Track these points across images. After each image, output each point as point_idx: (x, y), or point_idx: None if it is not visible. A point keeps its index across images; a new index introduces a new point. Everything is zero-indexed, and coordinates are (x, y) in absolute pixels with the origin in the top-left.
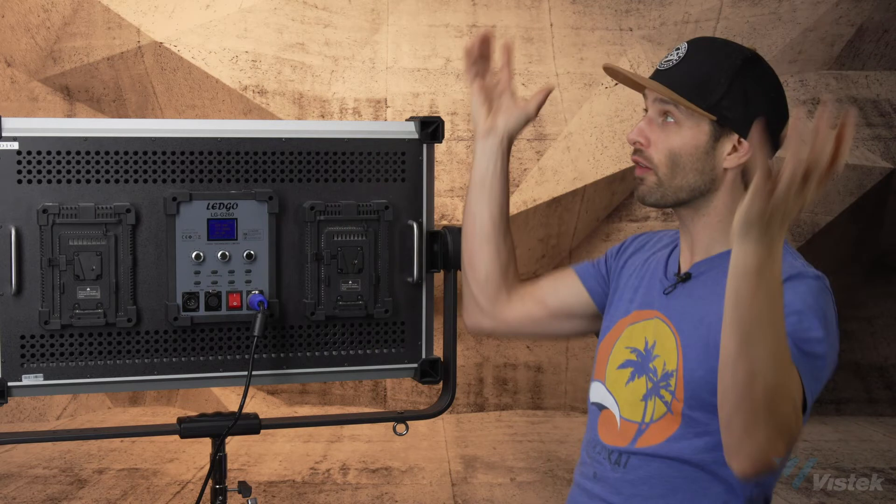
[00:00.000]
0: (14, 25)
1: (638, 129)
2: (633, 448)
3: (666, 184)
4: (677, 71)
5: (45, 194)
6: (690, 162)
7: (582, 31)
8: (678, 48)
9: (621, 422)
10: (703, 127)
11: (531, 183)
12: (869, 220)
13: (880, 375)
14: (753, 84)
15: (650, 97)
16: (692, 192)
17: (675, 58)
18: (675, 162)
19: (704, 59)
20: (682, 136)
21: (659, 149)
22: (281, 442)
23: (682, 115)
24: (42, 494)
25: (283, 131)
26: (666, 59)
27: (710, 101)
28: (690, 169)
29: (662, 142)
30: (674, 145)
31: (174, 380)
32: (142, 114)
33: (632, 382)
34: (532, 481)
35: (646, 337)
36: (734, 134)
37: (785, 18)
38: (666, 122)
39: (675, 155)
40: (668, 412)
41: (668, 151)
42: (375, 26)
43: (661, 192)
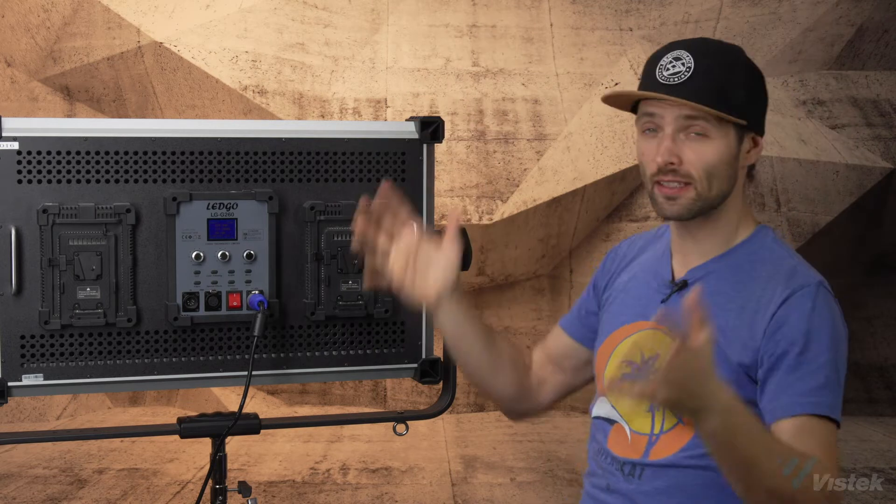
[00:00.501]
0: (14, 25)
1: (666, 149)
2: (646, 460)
3: (704, 196)
4: (695, 83)
5: (45, 194)
6: (724, 169)
7: (582, 31)
8: (679, 59)
9: (632, 435)
10: (731, 133)
11: (531, 183)
12: (869, 220)
13: (880, 375)
14: (757, 79)
15: (671, 115)
16: (721, 199)
17: (683, 69)
18: (712, 174)
19: (716, 65)
20: (716, 148)
21: (695, 165)
22: (281, 442)
23: (710, 127)
24: (42, 494)
25: (283, 131)
26: (671, 71)
27: (736, 105)
28: (724, 177)
29: (697, 157)
30: (709, 159)
31: (174, 380)
32: (142, 114)
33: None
34: (532, 481)
35: (641, 350)
36: (752, 132)
37: (785, 18)
38: (694, 137)
39: (712, 168)
40: (680, 422)
41: (704, 165)
42: (375, 26)
43: (699, 206)
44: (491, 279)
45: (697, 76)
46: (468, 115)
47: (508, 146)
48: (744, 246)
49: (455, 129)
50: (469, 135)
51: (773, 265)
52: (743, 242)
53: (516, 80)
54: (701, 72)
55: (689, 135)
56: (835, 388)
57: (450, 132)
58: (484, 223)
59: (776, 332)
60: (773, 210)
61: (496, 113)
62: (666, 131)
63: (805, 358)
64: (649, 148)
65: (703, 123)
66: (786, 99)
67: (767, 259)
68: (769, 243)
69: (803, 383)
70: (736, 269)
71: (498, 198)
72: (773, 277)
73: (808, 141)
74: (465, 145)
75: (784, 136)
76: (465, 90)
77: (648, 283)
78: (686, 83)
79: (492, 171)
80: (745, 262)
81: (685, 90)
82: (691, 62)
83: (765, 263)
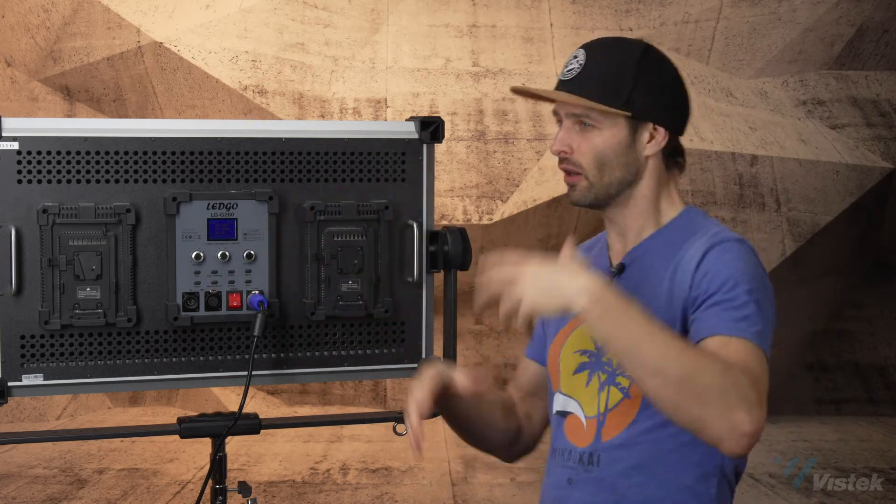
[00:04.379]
0: (14, 25)
1: (559, 139)
2: (599, 444)
3: (596, 184)
4: (582, 78)
5: (45, 194)
6: (615, 158)
7: (582, 31)
8: (575, 56)
9: (586, 421)
10: (621, 123)
11: (531, 183)
12: (869, 220)
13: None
14: (655, 73)
15: (564, 110)
16: (620, 186)
17: (576, 66)
18: (601, 162)
19: (605, 60)
20: (603, 137)
21: (584, 153)
22: (281, 442)
23: (598, 118)
24: (42, 494)
25: (283, 131)
26: (567, 68)
27: (622, 98)
28: (616, 165)
29: (586, 146)
30: (597, 147)
31: (174, 380)
32: (142, 114)
33: (590, 383)
34: (532, 481)
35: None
36: (649, 123)
37: (785, 18)
38: (584, 128)
39: (600, 155)
40: (626, 397)
41: (593, 154)
42: (375, 26)
43: (594, 193)
44: None
45: (586, 71)
46: (468, 115)
47: (508, 146)
48: (673, 223)
49: (455, 129)
50: (469, 135)
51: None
52: (672, 221)
53: (516, 80)
54: (589, 67)
55: (580, 126)
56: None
57: (450, 132)
58: (484, 223)
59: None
60: (773, 210)
61: (496, 113)
62: (564, 123)
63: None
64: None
65: (588, 118)
66: (786, 99)
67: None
68: (698, 218)
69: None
70: (667, 244)
71: (498, 198)
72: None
73: (808, 141)
74: (465, 145)
75: (784, 136)
76: (465, 90)
77: None
78: (574, 79)
79: (492, 171)
80: (675, 236)
81: (572, 86)
82: (584, 59)
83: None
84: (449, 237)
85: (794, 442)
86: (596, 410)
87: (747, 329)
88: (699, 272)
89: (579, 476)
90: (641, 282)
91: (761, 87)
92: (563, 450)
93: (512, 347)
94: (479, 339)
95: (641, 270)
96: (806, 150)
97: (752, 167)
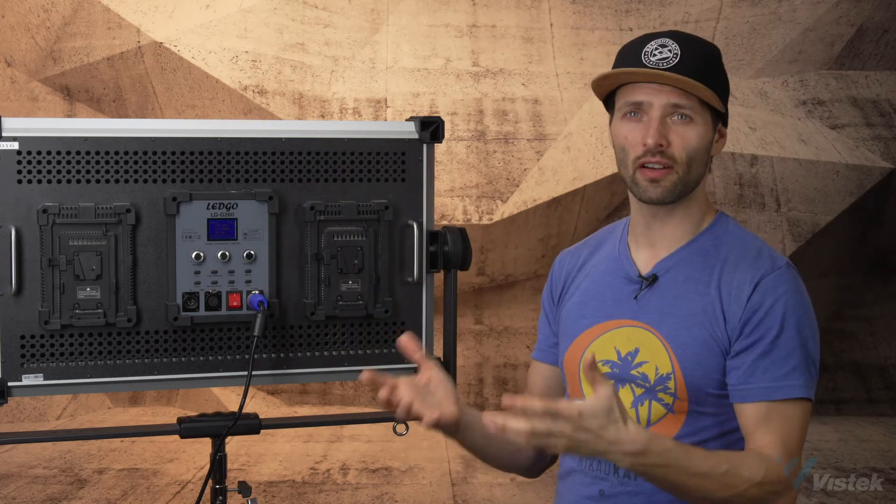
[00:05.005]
0: (14, 25)
1: (656, 132)
2: None
3: (685, 180)
4: (685, 66)
5: (45, 194)
6: (703, 156)
7: (582, 31)
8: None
9: None
10: (709, 120)
11: (531, 183)
12: (869, 220)
13: (880, 375)
14: (725, 75)
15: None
16: (698, 183)
17: (670, 55)
18: (692, 158)
19: (700, 49)
20: (698, 131)
21: (679, 148)
22: (281, 442)
23: (697, 110)
24: (42, 494)
25: (283, 131)
26: (658, 57)
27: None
28: (701, 161)
29: (682, 140)
30: (693, 143)
31: (174, 380)
32: (142, 114)
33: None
34: (532, 482)
35: (616, 347)
36: (721, 122)
37: (785, 18)
38: (681, 121)
39: (693, 151)
40: (669, 412)
41: (688, 149)
42: (375, 26)
43: (680, 189)
44: (491, 279)
45: (686, 60)
46: (468, 115)
47: (508, 146)
48: (707, 232)
49: (455, 129)
50: (469, 135)
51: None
52: (706, 229)
53: (516, 80)
54: (688, 57)
55: (674, 119)
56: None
57: (450, 132)
58: (484, 223)
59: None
60: (773, 210)
61: (496, 113)
62: (653, 115)
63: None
64: (633, 131)
65: (688, 108)
66: (786, 99)
67: (732, 242)
68: (731, 228)
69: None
70: (703, 255)
71: (498, 198)
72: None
73: (808, 141)
74: (465, 145)
75: (784, 136)
76: (465, 90)
77: (611, 283)
78: (677, 66)
79: (492, 171)
80: (710, 246)
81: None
82: (677, 49)
83: (730, 246)
84: (449, 237)
85: None
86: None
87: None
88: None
89: (614, 489)
90: (679, 294)
91: (761, 87)
92: (591, 459)
93: (512, 348)
94: (479, 340)
95: (676, 282)
96: (806, 150)
97: (752, 167)
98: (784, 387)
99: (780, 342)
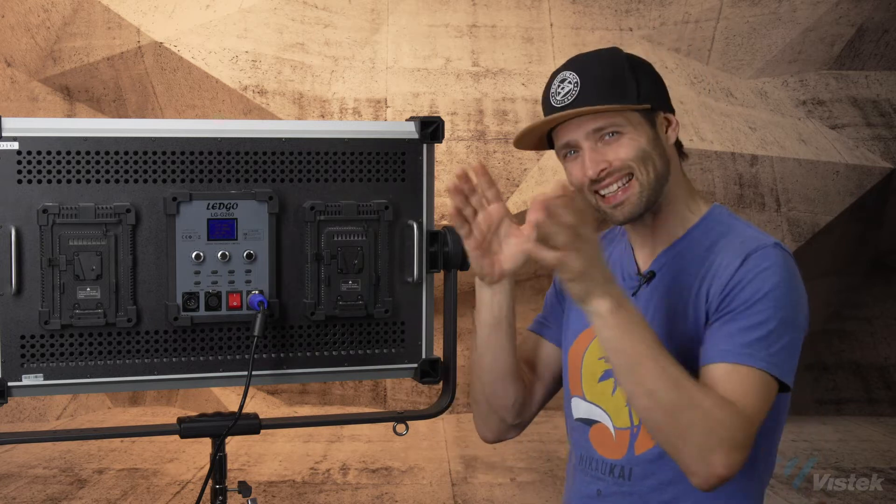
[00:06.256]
0: (14, 25)
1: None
2: (633, 456)
3: (646, 184)
4: (587, 93)
5: (45, 194)
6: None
7: (582, 31)
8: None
9: (616, 432)
10: (640, 120)
11: (531, 183)
12: (869, 220)
13: (880, 375)
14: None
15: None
16: (660, 182)
17: (570, 86)
18: (643, 157)
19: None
20: (632, 139)
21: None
22: (281, 442)
23: (621, 123)
24: (42, 494)
25: (283, 131)
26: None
27: (633, 95)
28: (656, 156)
29: (622, 151)
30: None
31: (174, 380)
32: (142, 114)
33: (616, 391)
34: (532, 481)
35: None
36: (660, 112)
37: (785, 18)
38: (610, 139)
39: (637, 156)
40: None
41: (633, 152)
42: (375, 26)
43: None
44: None
45: (586, 85)
46: (468, 115)
47: (508, 146)
48: (700, 224)
49: (455, 129)
50: (469, 135)
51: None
52: (699, 222)
53: (516, 80)
54: (588, 81)
55: (605, 140)
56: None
57: (450, 132)
58: None
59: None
60: (773, 210)
61: (496, 113)
62: (584, 146)
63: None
64: (575, 168)
65: (612, 125)
66: (786, 99)
67: (723, 231)
68: (724, 218)
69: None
70: (696, 246)
71: None
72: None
73: (808, 141)
74: (465, 145)
75: (784, 136)
76: (465, 90)
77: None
78: (579, 97)
79: (492, 171)
80: (703, 238)
81: (581, 101)
82: (576, 77)
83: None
84: (449, 237)
85: (794, 442)
86: (628, 422)
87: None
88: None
89: (610, 489)
90: (671, 288)
91: (761, 87)
92: (590, 459)
93: None
94: None
95: (671, 276)
96: (806, 150)
97: (752, 167)
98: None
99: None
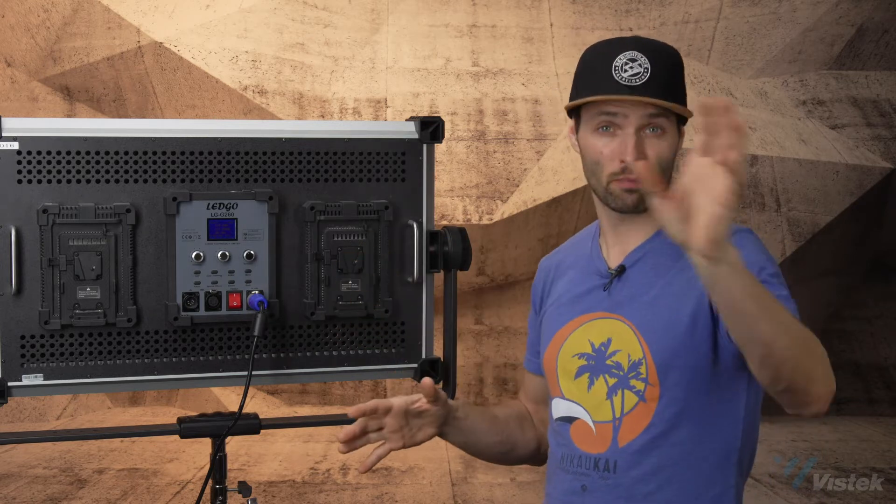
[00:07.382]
0: (14, 25)
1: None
2: (617, 448)
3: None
4: (656, 82)
5: (45, 194)
6: (672, 163)
7: (582, 31)
8: (634, 60)
9: (596, 426)
10: (676, 125)
11: (531, 183)
12: (869, 220)
13: (880, 375)
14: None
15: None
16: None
17: (641, 70)
18: (664, 169)
19: (669, 63)
20: (669, 142)
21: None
22: (281, 442)
23: (667, 123)
24: (42, 494)
25: (283, 131)
26: (630, 73)
27: (684, 101)
28: (671, 168)
29: (657, 153)
30: (665, 154)
31: (174, 380)
32: (142, 114)
33: (593, 386)
34: (532, 481)
35: (590, 339)
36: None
37: (785, 18)
38: (653, 133)
39: (665, 161)
40: (641, 401)
41: (662, 161)
42: (375, 26)
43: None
44: (491, 279)
45: (657, 76)
46: (468, 115)
47: (508, 146)
48: None
49: (455, 129)
50: (469, 135)
51: None
52: None
53: (516, 80)
54: (659, 70)
55: (647, 132)
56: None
57: (450, 132)
58: (484, 223)
59: None
60: (773, 210)
61: (496, 113)
62: (628, 130)
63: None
64: (608, 146)
65: (662, 120)
66: (786, 99)
67: None
68: None
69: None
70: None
71: (498, 198)
72: None
73: (808, 141)
74: (465, 145)
75: (784, 136)
76: (465, 90)
77: (584, 281)
78: (648, 83)
79: (492, 171)
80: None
81: (650, 90)
82: (647, 63)
83: None
84: (449, 237)
85: (794, 442)
86: (610, 415)
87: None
88: None
89: (595, 483)
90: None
91: (761, 87)
92: (571, 456)
93: (512, 347)
94: (479, 339)
95: (643, 271)
96: (806, 150)
97: (752, 167)
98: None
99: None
